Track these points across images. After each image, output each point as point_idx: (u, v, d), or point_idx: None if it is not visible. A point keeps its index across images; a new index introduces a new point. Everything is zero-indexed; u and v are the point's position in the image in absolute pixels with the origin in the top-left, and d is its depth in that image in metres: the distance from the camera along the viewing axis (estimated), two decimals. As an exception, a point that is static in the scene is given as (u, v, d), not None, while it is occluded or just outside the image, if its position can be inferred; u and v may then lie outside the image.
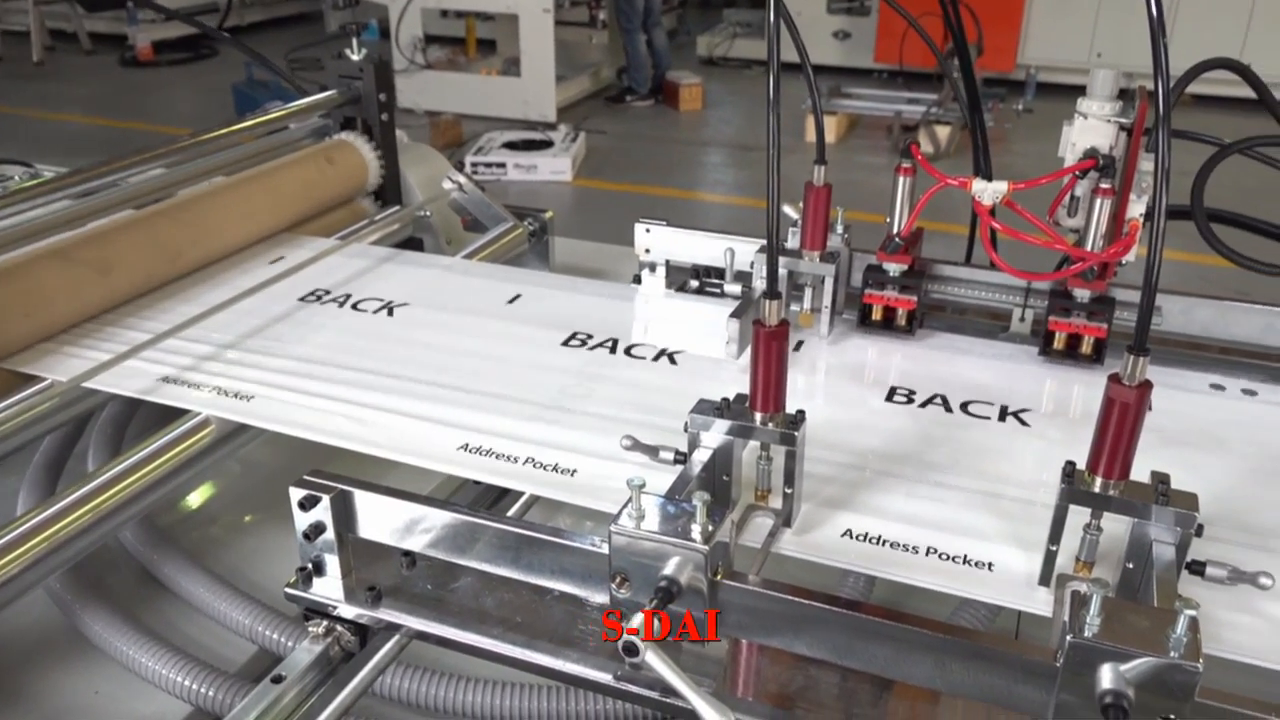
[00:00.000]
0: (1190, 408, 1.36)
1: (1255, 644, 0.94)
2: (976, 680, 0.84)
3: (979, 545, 1.08)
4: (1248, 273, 1.43)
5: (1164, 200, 0.87)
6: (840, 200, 1.47)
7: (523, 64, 6.96)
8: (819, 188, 1.41)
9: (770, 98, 0.95)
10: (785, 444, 1.05)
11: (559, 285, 1.76)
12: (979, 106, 1.76)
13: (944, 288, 1.54)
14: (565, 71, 7.34)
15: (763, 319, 1.00)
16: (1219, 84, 1.38)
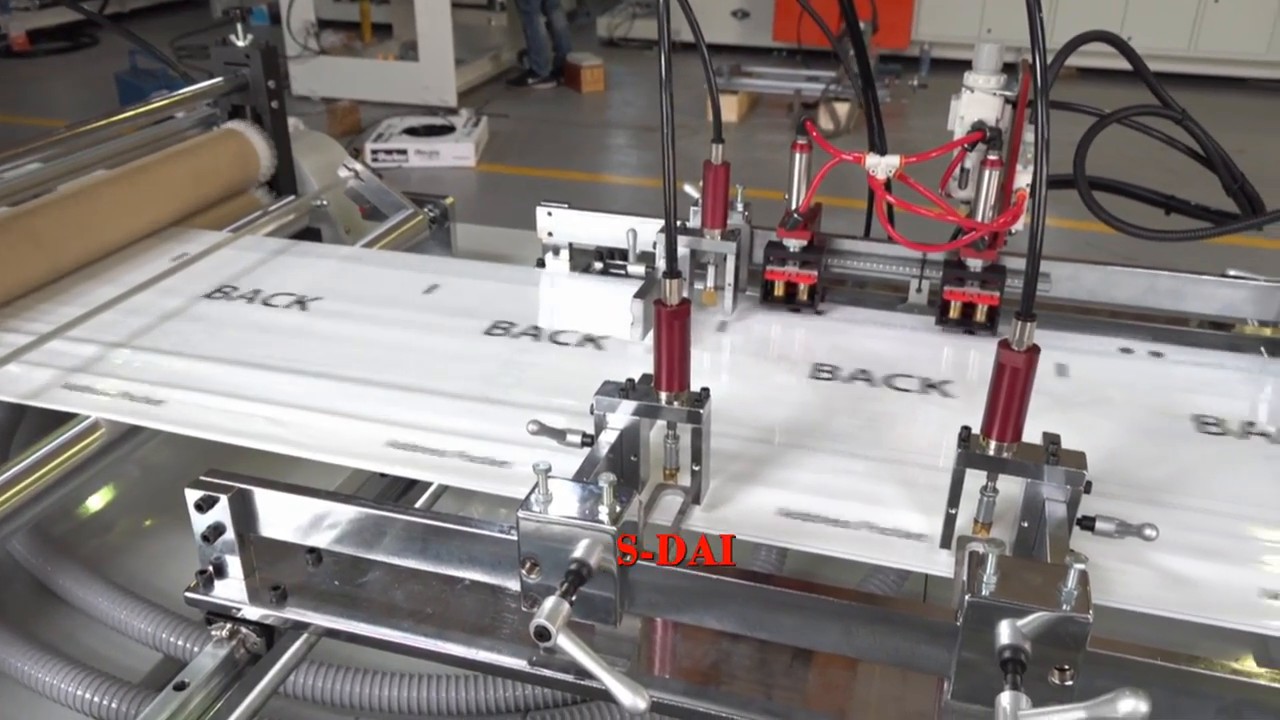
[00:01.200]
0: (1080, 369, 1.41)
1: (1143, 593, 0.98)
2: (882, 643, 0.86)
3: (884, 512, 1.10)
4: (1134, 238, 1.48)
5: (1045, 170, 0.90)
6: (744, 178, 1.49)
7: (420, 48, 6.84)
8: (717, 166, 1.42)
9: (662, 78, 0.95)
10: (691, 422, 1.06)
11: (477, 273, 1.73)
12: (872, 83, 1.79)
13: (843, 262, 1.57)
14: (465, 55, 7.25)
15: (664, 299, 1.01)
16: (1102, 57, 1.43)
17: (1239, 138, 6.19)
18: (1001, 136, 1.38)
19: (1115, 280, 1.50)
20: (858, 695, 0.93)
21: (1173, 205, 1.57)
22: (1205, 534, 1.06)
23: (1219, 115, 6.96)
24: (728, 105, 6.67)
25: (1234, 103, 7.43)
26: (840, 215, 1.99)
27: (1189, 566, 1.01)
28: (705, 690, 0.91)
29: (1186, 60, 7.63)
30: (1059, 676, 0.80)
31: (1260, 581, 1.00)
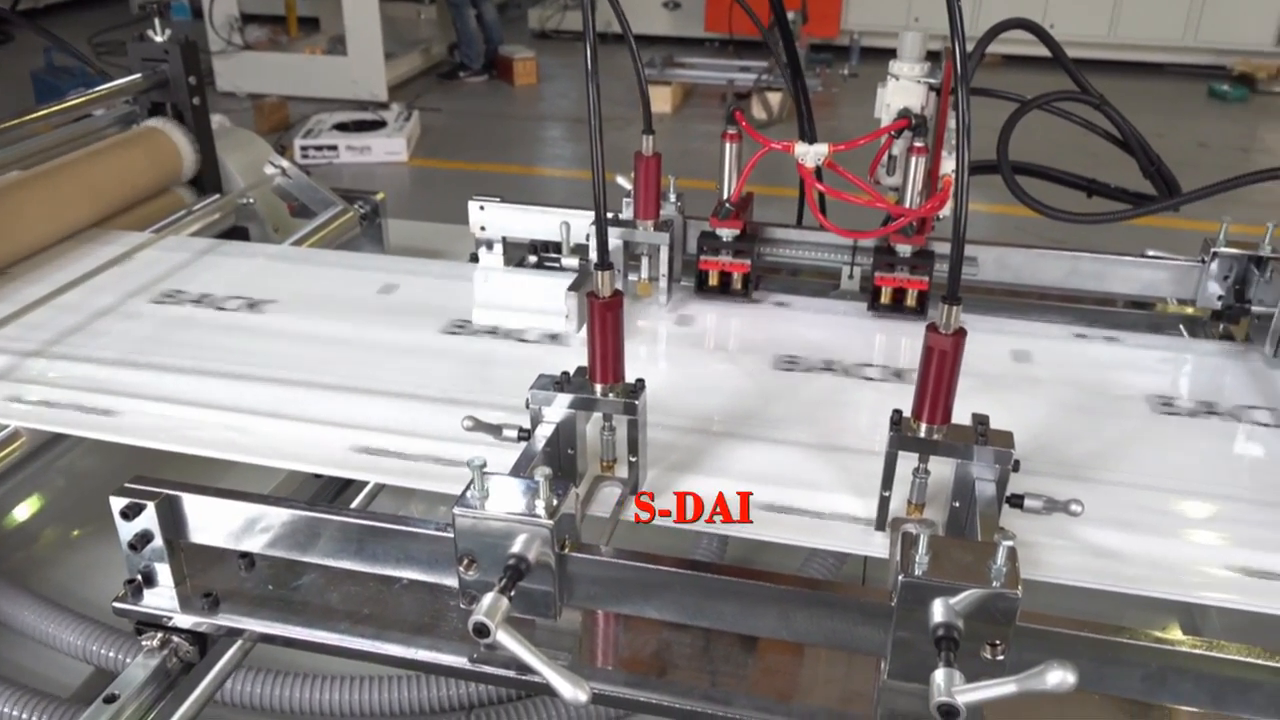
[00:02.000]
0: (1008, 350, 1.44)
1: (1070, 566, 1.00)
2: (820, 626, 0.87)
3: (820, 496, 1.12)
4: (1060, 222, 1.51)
5: (967, 156, 0.91)
6: (679, 169, 1.49)
7: (349, 41, 6.73)
8: (648, 158, 1.42)
9: (588, 69, 0.95)
10: (627, 414, 1.06)
11: (396, 268, 1.71)
12: (800, 73, 1.80)
13: (776, 250, 1.58)
14: (394, 48, 7.16)
15: (596, 291, 1.00)
16: (1026, 44, 1.46)
17: (1157, 122, 6.38)
18: (927, 123, 1.40)
19: (1040, 263, 1.53)
20: (798, 679, 0.94)
21: (1094, 188, 1.61)
22: (1129, 507, 1.09)
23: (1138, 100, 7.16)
24: (661, 96, 6.68)
25: (1152, 88, 7.63)
26: (774, 204, 2.01)
27: (1114, 539, 1.04)
28: (647, 680, 0.92)
29: (1107, 47, 7.82)
30: (991, 652, 0.81)
31: (1181, 552, 1.03)
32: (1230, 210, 1.50)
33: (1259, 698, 0.80)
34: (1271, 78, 7.66)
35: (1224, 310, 1.47)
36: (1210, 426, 1.27)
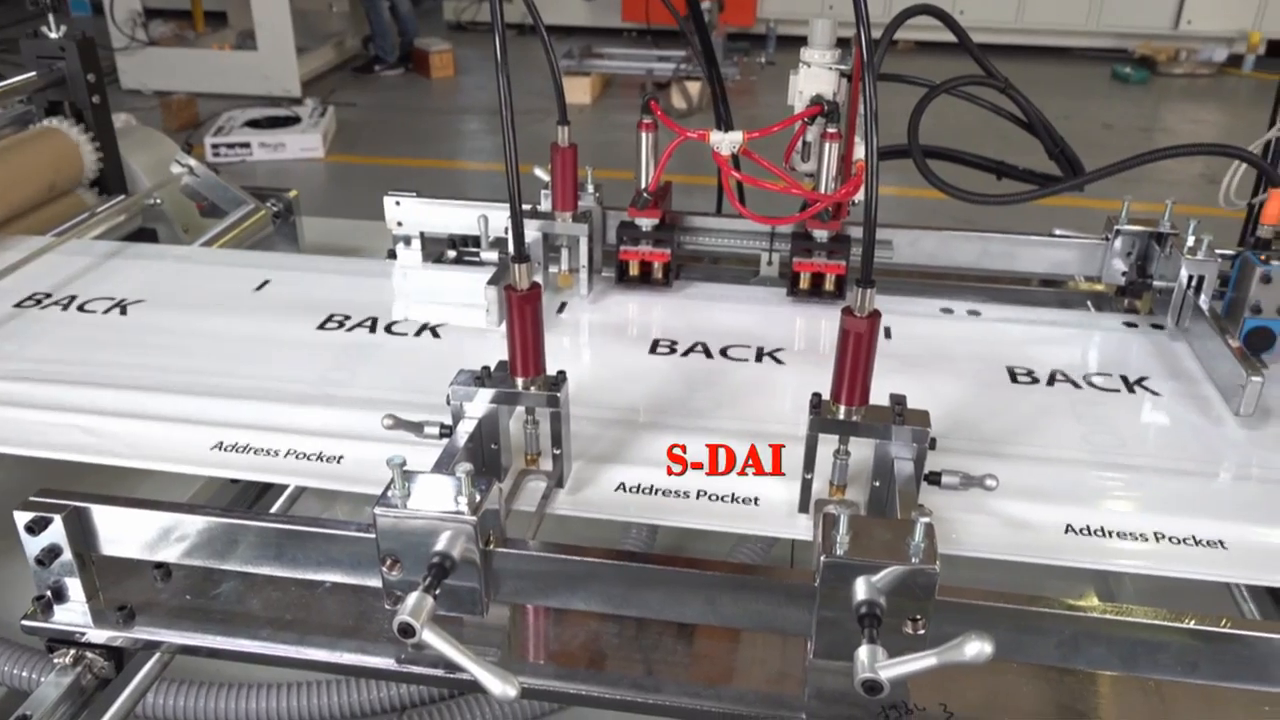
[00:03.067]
0: (924, 331, 1.47)
1: (988, 539, 1.03)
2: (746, 610, 0.88)
3: (745, 482, 1.12)
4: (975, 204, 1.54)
5: (875, 142, 0.92)
6: (600, 160, 1.48)
7: (258, 36, 6.58)
8: (564, 148, 1.42)
9: (498, 60, 0.94)
10: (549, 406, 1.05)
11: (310, 266, 1.68)
12: (714, 61, 1.81)
13: (696, 238, 1.59)
14: (306, 42, 7.01)
15: (514, 284, 1.00)
16: (939, 30, 1.48)
17: (1065, 104, 6.56)
18: (839, 110, 1.41)
19: (952, 244, 1.56)
20: (729, 663, 0.95)
21: (1002, 170, 1.64)
22: (1043, 479, 1.12)
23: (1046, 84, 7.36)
24: (580, 87, 6.66)
25: (1059, 71, 7.84)
26: (697, 192, 2.01)
27: (1029, 511, 1.07)
28: (577, 672, 0.92)
29: (1014, 32, 8.02)
30: (912, 626, 0.83)
31: (1093, 520, 1.06)
32: (1133, 189, 1.55)
33: (1166, 658, 0.83)
34: (1170, 60, 7.93)
35: (1128, 286, 1.52)
36: (1118, 398, 1.31)
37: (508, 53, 0.93)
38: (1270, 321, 1.35)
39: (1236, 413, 1.24)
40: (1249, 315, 1.34)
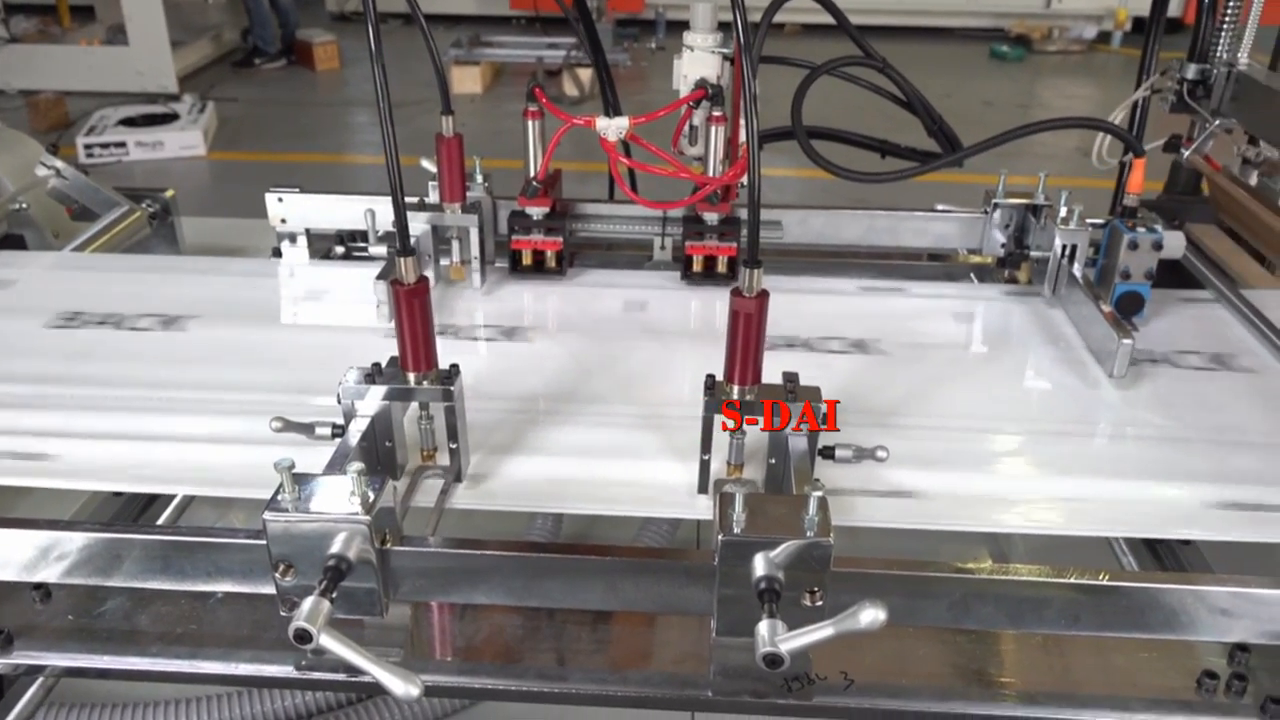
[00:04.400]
0: (816, 308, 1.49)
1: (881, 509, 1.06)
2: (647, 593, 0.88)
3: (645, 466, 1.13)
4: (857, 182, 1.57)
5: (755, 124, 0.94)
6: (493, 149, 1.47)
7: (129, 30, 6.31)
8: (450, 139, 1.40)
9: (372, 49, 0.92)
10: (444, 400, 1.04)
11: (191, 268, 1.63)
12: (600, 48, 1.81)
13: (588, 225, 1.58)
14: (181, 36, 6.76)
15: (400, 278, 0.98)
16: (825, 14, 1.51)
17: (946, 83, 6.74)
18: (723, 93, 1.42)
19: (840, 222, 1.59)
20: (635, 647, 0.95)
21: (886, 149, 1.68)
22: (932, 448, 1.16)
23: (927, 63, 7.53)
24: (470, 76, 6.58)
25: (940, 51, 8.06)
26: (592, 180, 2.01)
27: (920, 480, 1.10)
28: (481, 666, 0.91)
29: (897, 13, 8.20)
30: (810, 599, 0.84)
31: (982, 485, 1.09)
32: (1012, 164, 1.60)
33: (1050, 613, 0.87)
34: (1044, 38, 8.22)
35: (1007, 257, 1.57)
36: (1001, 365, 1.35)
37: (386, 42, 0.91)
38: (1139, 286, 1.41)
39: (1110, 375, 1.29)
40: (1119, 281, 1.41)
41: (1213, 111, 1.64)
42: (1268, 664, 0.90)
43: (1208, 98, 1.64)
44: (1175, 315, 1.49)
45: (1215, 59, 1.62)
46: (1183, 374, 1.33)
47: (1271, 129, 1.56)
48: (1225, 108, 1.62)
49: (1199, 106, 1.65)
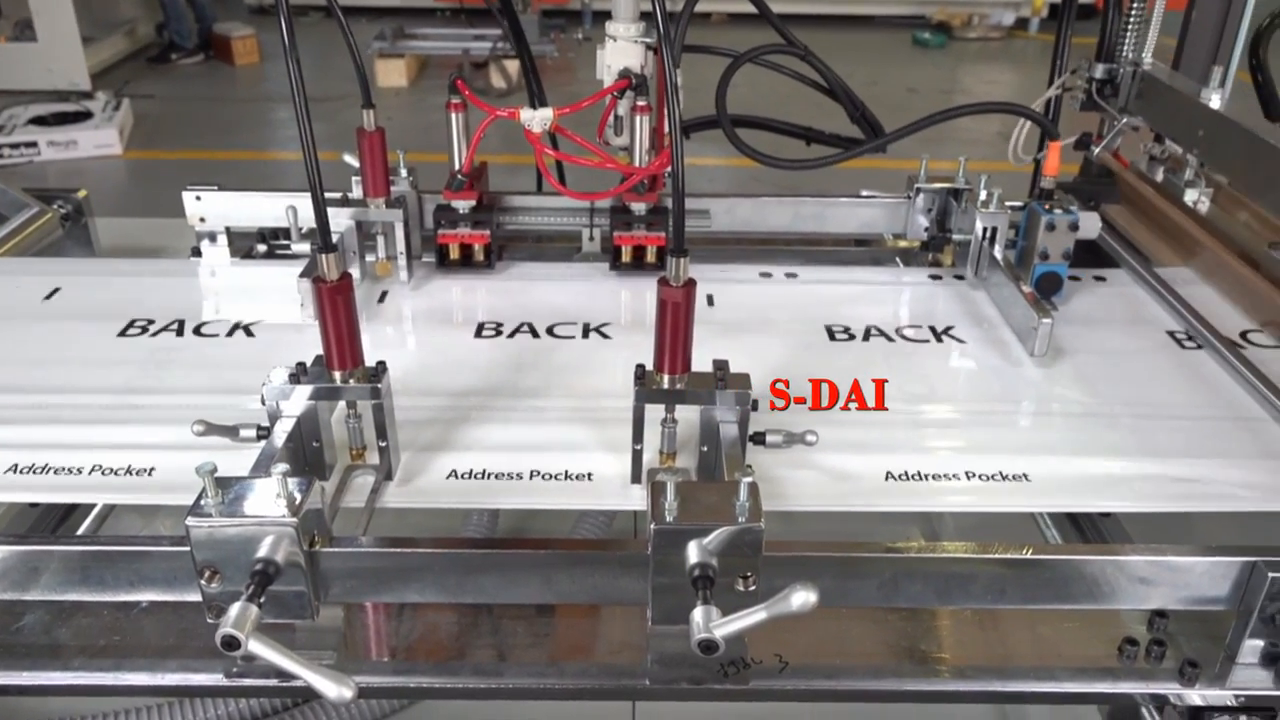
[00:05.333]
0: (745, 296, 1.50)
1: (813, 493, 1.07)
2: (582, 585, 0.88)
3: (578, 458, 1.13)
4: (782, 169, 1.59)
5: (677, 113, 0.93)
6: (420, 143, 1.45)
7: (37, 25, 6.10)
8: (371, 133, 1.38)
9: (286, 43, 0.90)
10: (371, 398, 1.03)
11: (106, 271, 1.58)
12: (524, 39, 1.79)
13: (516, 218, 1.57)
14: (93, 31, 6.55)
15: (322, 275, 0.96)
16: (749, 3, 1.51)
17: (871, 71, 6.83)
18: (648, 82, 1.42)
19: (767, 210, 1.61)
20: (571, 639, 0.95)
21: (811, 136, 1.70)
22: (862, 431, 1.17)
23: (852, 51, 7.62)
24: (395, 70, 6.48)
25: (864, 39, 8.16)
26: (522, 172, 1.99)
27: (849, 462, 1.11)
28: (416, 666, 0.90)
29: (823, 1, 8.28)
30: (743, 584, 0.85)
31: (910, 465, 1.11)
32: (935, 149, 1.63)
33: (977, 588, 0.88)
34: (964, 25, 8.37)
35: (931, 240, 1.60)
36: (928, 348, 1.37)
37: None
38: (1057, 266, 1.45)
39: (1032, 354, 1.32)
40: (1038, 262, 1.44)
41: (1120, 110, 1.68)
42: (1185, 629, 0.93)
43: (1115, 97, 1.69)
44: (1093, 294, 1.53)
45: (1121, 59, 1.67)
46: (1102, 351, 1.36)
47: (1175, 127, 1.60)
48: (1132, 106, 1.67)
49: (1107, 105, 1.69)
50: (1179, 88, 1.56)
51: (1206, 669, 0.89)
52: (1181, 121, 1.56)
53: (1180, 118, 1.56)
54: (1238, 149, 1.42)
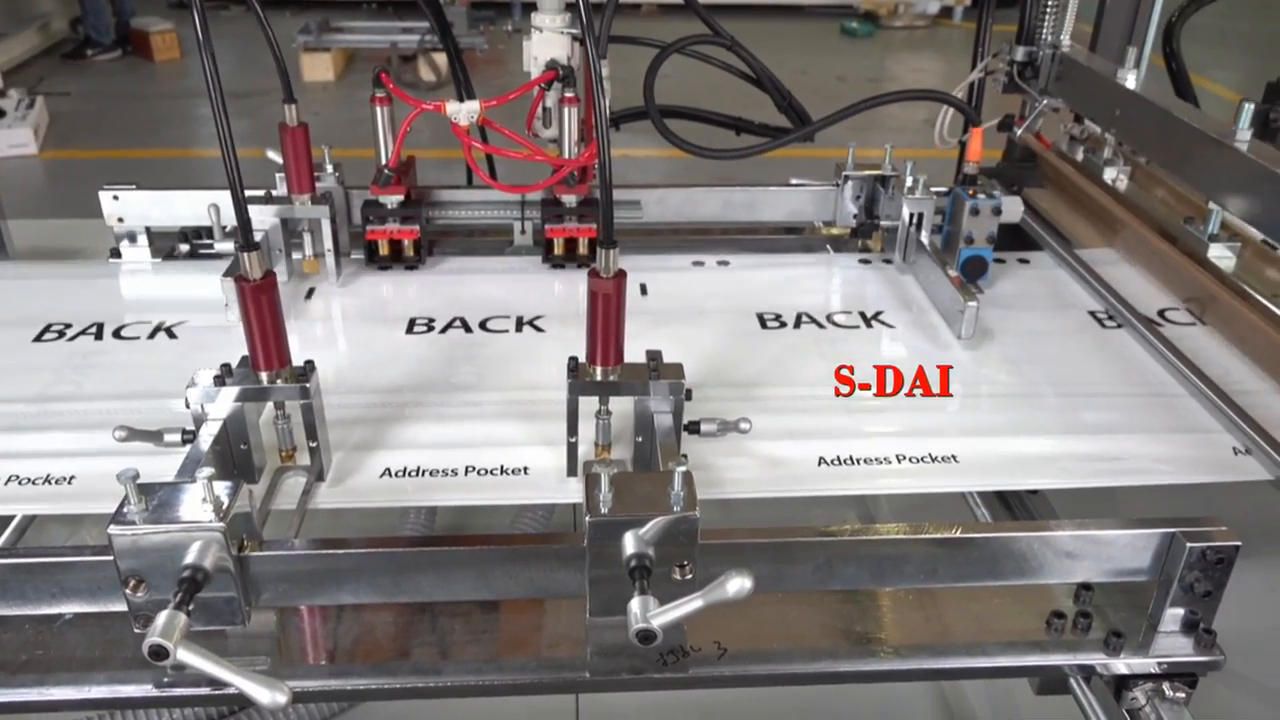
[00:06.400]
0: (678, 286, 1.51)
1: (748, 480, 1.08)
2: (518, 580, 0.88)
3: (513, 452, 1.12)
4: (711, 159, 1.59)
5: (602, 103, 0.93)
6: (349, 138, 1.43)
7: (-57, 23, 5.88)
8: (294, 128, 1.35)
9: (200, 38, 0.88)
10: (300, 398, 1.01)
11: (20, 274, 1.53)
12: (449, 31, 1.77)
13: (446, 212, 1.56)
14: (4, 26, 6.35)
15: (245, 274, 0.94)
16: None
17: (801, 60, 6.88)
18: (574, 74, 1.42)
19: (697, 199, 1.61)
20: (509, 634, 0.94)
21: (740, 126, 1.71)
22: (795, 417, 1.18)
23: (782, 41, 7.66)
24: (321, 64, 6.37)
25: (794, 29, 8.21)
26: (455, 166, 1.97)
27: (783, 448, 1.12)
28: (353, 667, 0.89)
29: (754, -9, 8.31)
30: (680, 573, 0.85)
31: (844, 449, 1.13)
32: (865, 137, 1.65)
33: (910, 568, 0.90)
34: (891, 14, 8.47)
35: (859, 227, 1.62)
36: (858, 333, 1.39)
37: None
38: (982, 250, 1.47)
39: (959, 337, 1.35)
40: (963, 246, 1.46)
41: (1041, 91, 1.72)
42: (1110, 601, 0.96)
43: (1036, 78, 1.72)
44: (1017, 276, 1.56)
45: (1041, 41, 1.71)
46: (1026, 332, 1.39)
47: (1093, 107, 1.64)
48: (1051, 88, 1.70)
49: (1028, 87, 1.73)
50: (1096, 69, 1.59)
51: (1131, 639, 0.91)
52: (1099, 101, 1.59)
53: (1098, 98, 1.59)
54: (1153, 127, 1.46)
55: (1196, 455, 1.14)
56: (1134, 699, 0.91)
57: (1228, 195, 1.32)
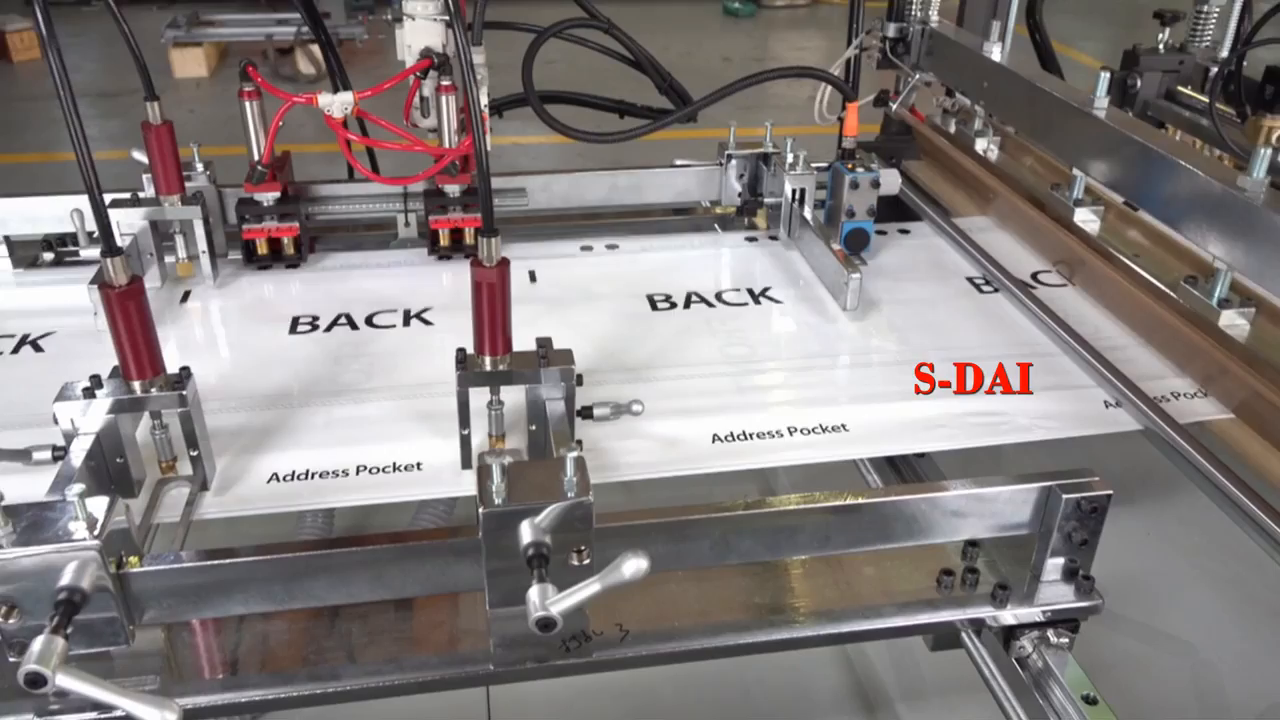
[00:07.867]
0: (567, 272, 1.50)
1: (643, 461, 1.08)
2: (414, 577, 0.86)
3: (405, 448, 1.11)
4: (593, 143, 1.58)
5: (474, 90, 0.92)
6: (225, 135, 1.37)
7: None
8: (158, 126, 1.30)
9: (45, 34, 0.84)
10: (177, 406, 0.97)
11: None
12: (320, 21, 1.73)
13: (326, 207, 1.52)
14: None
15: (109, 280, 0.91)
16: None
17: (685, 41, 6.91)
18: (450, 61, 1.40)
19: (583, 184, 1.61)
20: (409, 634, 0.93)
21: (623, 109, 1.71)
22: (688, 397, 1.19)
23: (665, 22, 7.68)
24: (193, 59, 6.13)
25: (675, 11, 8.24)
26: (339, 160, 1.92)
27: (678, 428, 1.13)
28: (247, 678, 0.86)
29: (632, -26, 8.29)
30: (578, 558, 0.85)
31: (738, 425, 1.14)
32: (752, 115, 1.66)
33: (804, 538, 0.91)
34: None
35: (744, 205, 1.63)
36: (747, 310, 1.41)
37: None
38: (863, 223, 1.51)
39: (844, 309, 1.37)
40: (845, 219, 1.49)
41: (913, 67, 1.76)
42: (998, 555, 0.99)
43: (908, 54, 1.77)
44: (899, 247, 1.60)
45: (911, 18, 1.75)
46: (909, 301, 1.43)
47: (962, 80, 1.69)
48: (923, 63, 1.75)
49: (901, 63, 1.77)
50: (963, 43, 1.64)
51: (1016, 590, 0.95)
52: (968, 74, 1.64)
53: (967, 71, 1.64)
54: (1018, 98, 1.51)
55: (1072, 410, 1.18)
56: (1021, 647, 0.94)
57: (1089, 161, 1.38)
